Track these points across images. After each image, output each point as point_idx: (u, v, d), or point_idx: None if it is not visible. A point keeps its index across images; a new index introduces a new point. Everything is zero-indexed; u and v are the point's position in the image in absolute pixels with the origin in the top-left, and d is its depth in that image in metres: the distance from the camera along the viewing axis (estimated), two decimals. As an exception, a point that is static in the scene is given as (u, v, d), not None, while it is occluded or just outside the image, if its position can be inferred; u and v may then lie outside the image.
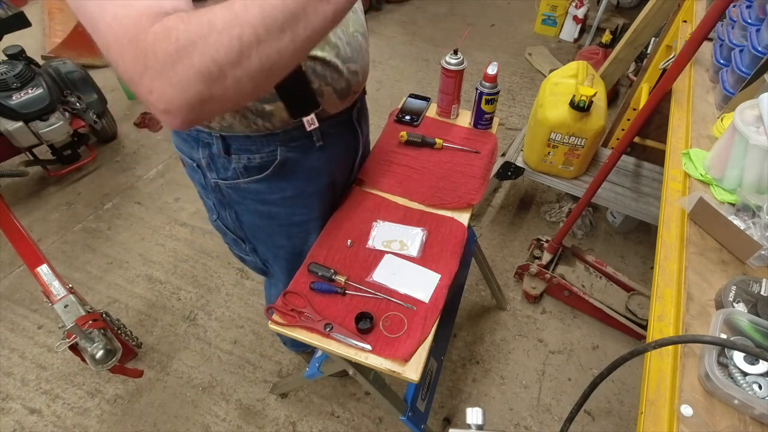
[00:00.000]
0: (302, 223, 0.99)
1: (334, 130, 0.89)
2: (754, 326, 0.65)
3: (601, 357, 1.68)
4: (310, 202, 0.96)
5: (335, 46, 0.76)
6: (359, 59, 0.83)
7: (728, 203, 0.87)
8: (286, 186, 0.89)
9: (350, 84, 0.83)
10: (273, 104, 0.76)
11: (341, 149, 0.96)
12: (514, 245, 2.05)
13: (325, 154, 0.90)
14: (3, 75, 1.87)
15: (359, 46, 0.82)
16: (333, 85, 0.79)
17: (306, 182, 0.91)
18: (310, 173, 0.90)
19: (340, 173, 1.03)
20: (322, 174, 0.93)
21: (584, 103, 1.53)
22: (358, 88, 0.88)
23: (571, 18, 3.27)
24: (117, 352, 1.34)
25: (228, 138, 0.80)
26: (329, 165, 0.94)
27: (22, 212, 2.14)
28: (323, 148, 0.88)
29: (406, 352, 0.82)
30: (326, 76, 0.77)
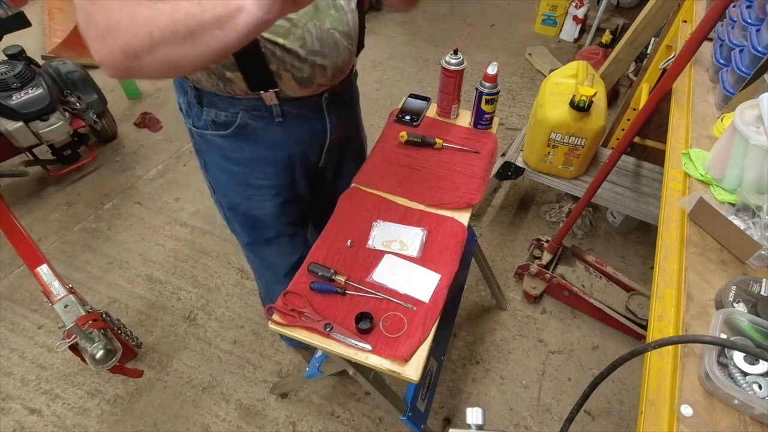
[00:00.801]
0: (258, 187, 1.04)
1: (297, 111, 0.93)
2: (754, 326, 0.65)
3: (601, 357, 1.68)
4: (268, 171, 1.01)
5: (301, 37, 0.79)
6: (331, 55, 0.85)
7: (728, 203, 0.87)
8: (246, 148, 0.96)
9: (314, 76, 0.86)
10: (233, 73, 0.81)
11: (304, 131, 0.99)
12: (514, 245, 2.05)
13: (285, 131, 0.95)
14: (3, 75, 1.87)
15: (334, 44, 0.84)
16: (293, 72, 0.83)
17: (264, 151, 0.97)
18: (269, 144, 0.96)
19: (303, 153, 1.04)
20: (281, 148, 0.98)
21: (584, 103, 1.53)
22: (326, 82, 0.90)
23: (571, 18, 3.27)
24: (117, 352, 1.34)
25: (200, 90, 0.88)
26: (289, 142, 0.98)
27: (22, 212, 2.14)
28: (283, 125, 0.93)
29: (406, 352, 0.82)
30: (286, 62, 0.81)
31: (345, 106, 1.05)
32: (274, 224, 1.14)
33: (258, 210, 1.09)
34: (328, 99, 0.96)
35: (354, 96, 1.11)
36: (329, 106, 0.98)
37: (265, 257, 1.26)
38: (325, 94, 0.94)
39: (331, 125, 1.02)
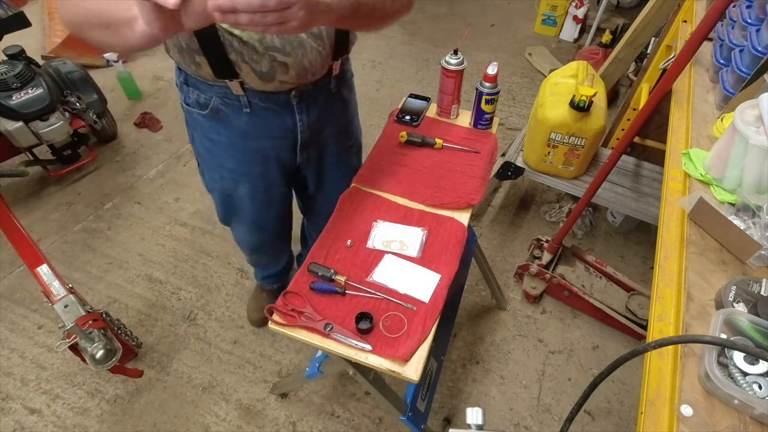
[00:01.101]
0: (231, 170, 1.11)
1: (265, 104, 0.96)
2: (754, 326, 0.65)
3: (601, 357, 1.68)
4: (240, 157, 1.07)
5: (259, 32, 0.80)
6: (294, 54, 0.85)
7: (728, 203, 0.88)
8: (221, 131, 1.03)
9: (274, 72, 0.87)
10: (201, 58, 0.85)
11: (273, 125, 1.01)
12: (514, 245, 2.05)
13: (253, 122, 0.99)
14: (3, 75, 1.87)
15: (298, 43, 0.84)
16: (251, 65, 0.85)
17: (236, 138, 1.03)
18: (239, 132, 1.02)
19: (275, 147, 1.07)
20: (250, 138, 1.03)
21: (584, 103, 1.53)
22: (291, 80, 0.90)
23: (571, 18, 3.27)
24: (117, 352, 1.34)
25: (184, 71, 0.94)
26: (258, 133, 1.02)
27: (22, 212, 2.14)
28: (251, 116, 0.97)
29: (406, 352, 0.82)
30: (244, 54, 0.83)
31: (323, 107, 1.04)
32: (247, 209, 1.22)
33: (232, 191, 1.17)
34: (297, 97, 0.96)
35: (337, 98, 1.09)
36: (300, 105, 0.98)
37: (235, 232, 1.39)
38: (293, 91, 0.94)
39: (302, 124, 1.02)
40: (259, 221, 1.31)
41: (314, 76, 0.93)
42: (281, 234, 1.47)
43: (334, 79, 1.01)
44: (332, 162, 1.20)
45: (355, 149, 1.26)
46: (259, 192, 1.18)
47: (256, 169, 1.11)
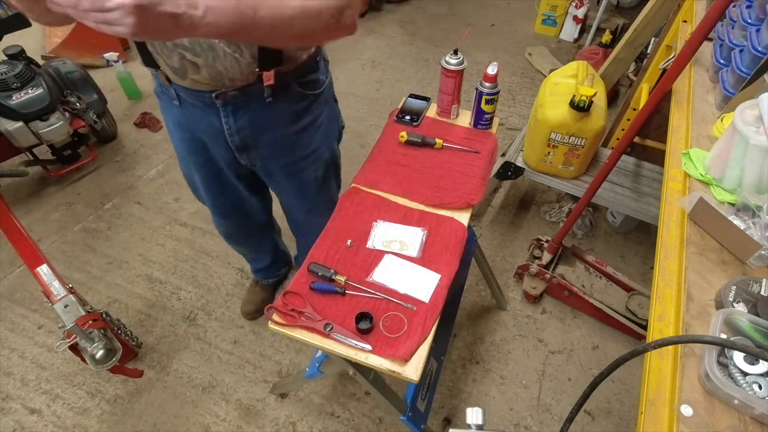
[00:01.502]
0: (181, 154, 1.18)
1: (191, 101, 0.97)
2: (754, 326, 0.65)
3: (601, 357, 1.68)
4: (183, 144, 1.12)
5: None
6: (204, 56, 0.85)
7: (728, 203, 0.87)
8: (166, 117, 1.09)
9: (185, 69, 0.88)
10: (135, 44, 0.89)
11: (201, 123, 1.02)
12: (514, 245, 2.05)
13: (183, 115, 1.03)
14: (3, 75, 1.87)
15: (209, 46, 0.83)
16: (164, 58, 0.87)
17: (174, 126, 1.09)
18: (175, 121, 1.07)
19: (211, 144, 1.07)
20: (183, 129, 1.08)
21: (584, 103, 1.53)
22: (205, 80, 0.89)
23: (571, 18, 3.27)
24: (117, 352, 1.34)
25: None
26: (189, 126, 1.06)
27: (22, 212, 2.14)
28: (181, 109, 1.00)
29: (406, 352, 0.82)
30: (156, 47, 0.86)
31: (256, 115, 0.99)
32: (204, 192, 1.26)
33: (190, 176, 1.23)
34: (222, 100, 0.94)
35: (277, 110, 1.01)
36: (225, 108, 0.96)
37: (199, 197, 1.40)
38: (215, 94, 0.93)
39: (229, 128, 1.00)
40: (218, 207, 1.33)
41: (234, 82, 0.90)
42: (250, 226, 1.46)
43: (268, 89, 0.95)
44: (282, 174, 1.16)
45: (310, 164, 1.16)
46: (208, 177, 1.19)
47: (199, 158, 1.13)
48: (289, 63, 0.93)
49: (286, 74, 0.95)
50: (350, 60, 3.19)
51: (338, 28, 0.78)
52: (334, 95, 1.19)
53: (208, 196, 1.27)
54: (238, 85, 0.92)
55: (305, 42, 0.85)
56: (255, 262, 1.73)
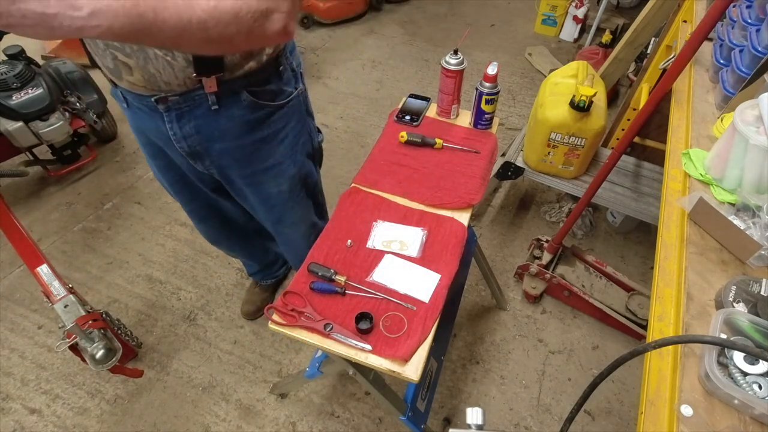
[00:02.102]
0: (147, 160, 1.16)
1: (136, 104, 0.95)
2: (754, 326, 0.65)
3: (601, 357, 1.68)
4: (143, 149, 1.12)
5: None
6: (135, 57, 0.81)
7: (728, 203, 0.87)
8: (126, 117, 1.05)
9: (119, 70, 0.86)
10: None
11: (148, 126, 0.99)
12: (514, 245, 2.05)
13: (134, 118, 1.02)
14: (3, 75, 1.87)
15: (139, 49, 0.80)
16: (99, 57, 0.86)
17: (132, 128, 1.07)
18: (130, 123, 1.06)
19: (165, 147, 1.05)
20: (138, 132, 1.07)
21: (584, 103, 1.53)
22: (139, 83, 0.86)
23: (571, 18, 3.27)
24: (117, 352, 1.34)
25: None
26: (140, 129, 1.05)
27: (22, 212, 2.14)
28: (129, 111, 0.99)
29: (406, 352, 0.82)
30: (90, 44, 0.85)
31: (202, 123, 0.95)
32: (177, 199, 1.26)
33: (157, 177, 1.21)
34: (164, 105, 0.90)
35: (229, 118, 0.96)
36: (169, 114, 0.92)
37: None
38: (153, 98, 0.89)
39: (175, 134, 0.96)
40: (192, 212, 1.32)
41: (170, 86, 0.86)
42: (231, 230, 1.42)
43: (212, 96, 0.90)
44: (242, 184, 1.11)
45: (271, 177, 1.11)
46: (175, 182, 1.18)
47: (160, 162, 1.12)
48: (232, 70, 0.88)
49: (233, 82, 0.90)
50: (350, 60, 3.19)
51: (264, 34, 0.69)
52: (309, 109, 1.14)
53: (179, 200, 1.25)
54: (177, 90, 0.88)
55: (225, 48, 0.76)
56: (246, 266, 1.74)
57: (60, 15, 0.51)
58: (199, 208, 1.30)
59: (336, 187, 2.02)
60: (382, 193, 1.10)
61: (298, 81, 1.05)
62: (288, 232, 1.30)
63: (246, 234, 1.49)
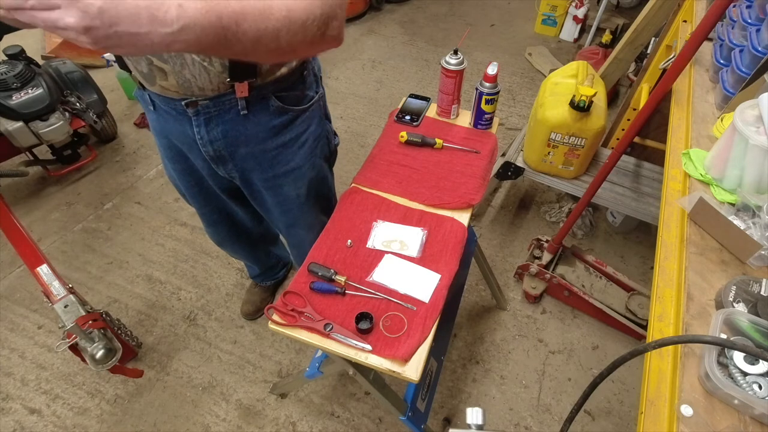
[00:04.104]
0: (164, 163, 1.17)
1: (164, 107, 0.95)
2: (754, 326, 0.65)
3: (601, 357, 1.68)
4: (163, 151, 1.11)
5: None
6: (172, 63, 0.82)
7: (728, 203, 0.87)
8: (149, 120, 1.06)
9: (153, 75, 0.86)
10: None
11: (174, 130, 1.00)
12: (514, 245, 2.05)
13: (159, 121, 1.01)
14: (3, 75, 1.87)
15: (177, 54, 0.80)
16: (133, 62, 0.87)
17: (154, 132, 1.07)
18: (153, 127, 1.06)
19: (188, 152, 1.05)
20: (160, 135, 1.07)
21: (584, 103, 1.53)
22: (173, 87, 0.87)
23: (571, 18, 3.27)
24: (117, 352, 1.34)
25: None
26: (164, 132, 1.04)
27: (22, 212, 2.14)
28: (156, 114, 0.99)
29: (406, 352, 0.82)
30: None
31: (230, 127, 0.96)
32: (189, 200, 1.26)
33: (175, 180, 1.21)
34: (193, 110, 0.91)
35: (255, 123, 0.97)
36: (197, 118, 0.93)
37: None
38: (184, 102, 0.90)
39: (201, 138, 0.97)
40: (205, 215, 1.32)
41: (204, 91, 0.87)
42: (239, 235, 1.44)
43: (242, 101, 0.91)
44: (262, 187, 1.11)
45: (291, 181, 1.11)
46: (192, 186, 1.18)
47: (179, 165, 1.12)
48: (264, 76, 0.89)
49: (263, 87, 0.91)
50: (350, 60, 3.19)
51: (323, 41, 0.72)
52: (327, 113, 1.14)
53: (194, 203, 1.26)
54: (209, 95, 0.89)
55: (288, 56, 0.78)
56: (249, 268, 1.76)
57: (152, 33, 0.54)
58: (211, 213, 1.30)
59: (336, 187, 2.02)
60: (382, 193, 1.10)
61: (319, 85, 1.06)
62: (302, 234, 1.30)
63: (252, 239, 1.51)
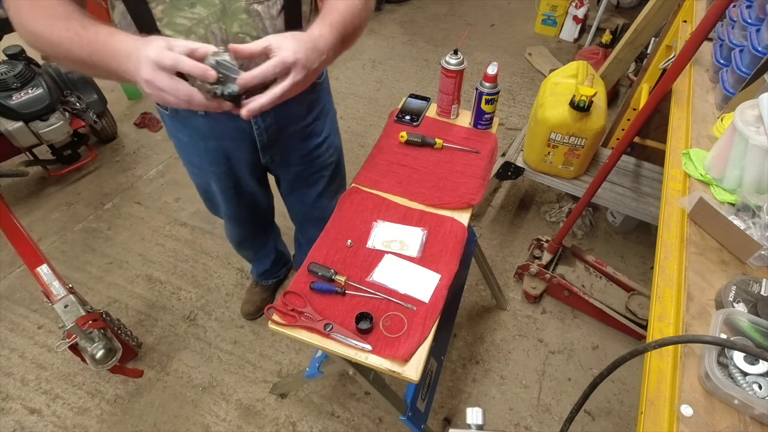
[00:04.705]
0: (200, 167, 1.16)
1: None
2: (754, 326, 0.65)
3: (601, 357, 1.68)
4: (203, 155, 1.10)
5: (203, 37, 0.80)
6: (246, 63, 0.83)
7: (728, 203, 0.87)
8: (183, 130, 1.06)
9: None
10: None
11: (228, 128, 1.01)
12: (514, 245, 2.05)
13: (209, 124, 1.00)
14: (3, 75, 1.87)
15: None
16: None
17: (196, 137, 1.06)
18: (198, 132, 1.04)
19: (236, 149, 1.08)
20: (208, 138, 1.05)
21: (584, 103, 1.53)
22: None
23: (571, 18, 3.27)
24: (117, 352, 1.34)
25: None
26: (216, 134, 1.04)
27: (22, 212, 2.14)
28: (206, 117, 0.98)
29: (406, 352, 0.82)
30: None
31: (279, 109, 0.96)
32: (222, 204, 1.27)
33: (205, 186, 1.23)
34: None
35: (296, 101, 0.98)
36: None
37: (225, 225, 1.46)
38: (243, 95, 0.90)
39: (259, 127, 1.01)
40: (235, 216, 1.35)
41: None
42: (261, 229, 1.52)
43: None
44: (298, 163, 1.19)
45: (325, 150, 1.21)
46: (228, 188, 1.20)
47: (220, 168, 1.13)
48: None
49: None
50: (350, 60, 3.19)
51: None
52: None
53: (227, 206, 1.28)
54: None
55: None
56: (259, 264, 1.73)
57: (319, 64, 0.76)
58: (242, 213, 1.33)
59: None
60: (382, 193, 1.10)
61: None
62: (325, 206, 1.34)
63: (268, 232, 1.58)
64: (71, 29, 0.68)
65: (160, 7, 0.77)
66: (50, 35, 0.69)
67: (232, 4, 0.79)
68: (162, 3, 0.76)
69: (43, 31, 0.69)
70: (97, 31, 0.68)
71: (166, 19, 0.78)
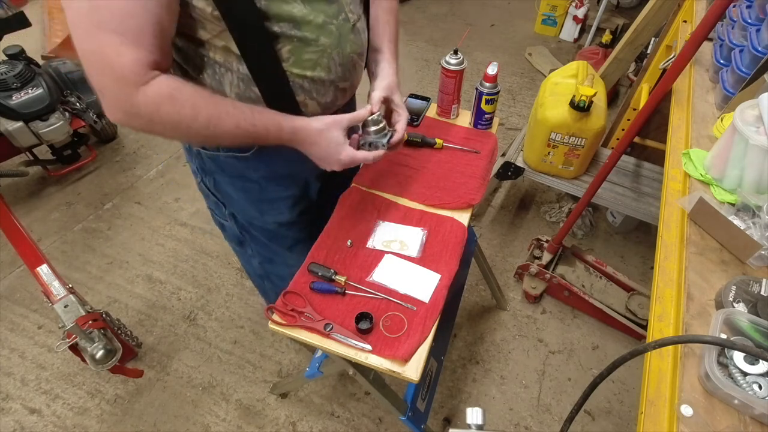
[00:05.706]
0: (274, 200, 1.05)
1: None
2: (754, 326, 0.65)
3: (601, 357, 1.68)
4: (283, 183, 1.02)
5: (326, 67, 0.82)
6: (351, 78, 0.89)
7: (728, 203, 0.87)
8: (262, 167, 0.97)
9: (336, 99, 0.89)
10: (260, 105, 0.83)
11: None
12: (514, 245, 2.05)
13: (287, 163, 0.97)
14: (3, 75, 1.87)
15: (353, 66, 0.88)
16: (317, 99, 0.86)
17: (282, 167, 0.98)
18: (286, 161, 0.97)
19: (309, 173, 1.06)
20: (297, 163, 0.97)
21: (584, 103, 1.53)
22: (344, 101, 0.93)
23: (571, 18, 3.27)
24: (117, 352, 1.34)
25: None
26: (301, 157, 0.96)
27: (22, 212, 2.14)
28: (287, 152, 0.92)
29: (406, 352, 0.82)
30: (312, 91, 0.84)
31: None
32: (292, 232, 1.14)
33: (274, 222, 1.10)
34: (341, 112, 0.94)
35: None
36: None
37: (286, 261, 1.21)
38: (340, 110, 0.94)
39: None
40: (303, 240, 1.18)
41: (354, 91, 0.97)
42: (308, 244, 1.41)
43: None
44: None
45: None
46: (302, 212, 1.11)
47: (295, 191, 1.06)
48: None
49: None
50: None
51: None
52: None
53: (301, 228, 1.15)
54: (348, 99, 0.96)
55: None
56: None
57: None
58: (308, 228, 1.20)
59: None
60: (382, 193, 1.10)
61: None
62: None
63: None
64: (238, 107, 0.74)
65: (287, 47, 0.76)
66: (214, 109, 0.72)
67: (344, 26, 0.81)
68: (289, 42, 0.75)
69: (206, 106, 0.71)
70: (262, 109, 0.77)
71: (293, 58, 0.77)
